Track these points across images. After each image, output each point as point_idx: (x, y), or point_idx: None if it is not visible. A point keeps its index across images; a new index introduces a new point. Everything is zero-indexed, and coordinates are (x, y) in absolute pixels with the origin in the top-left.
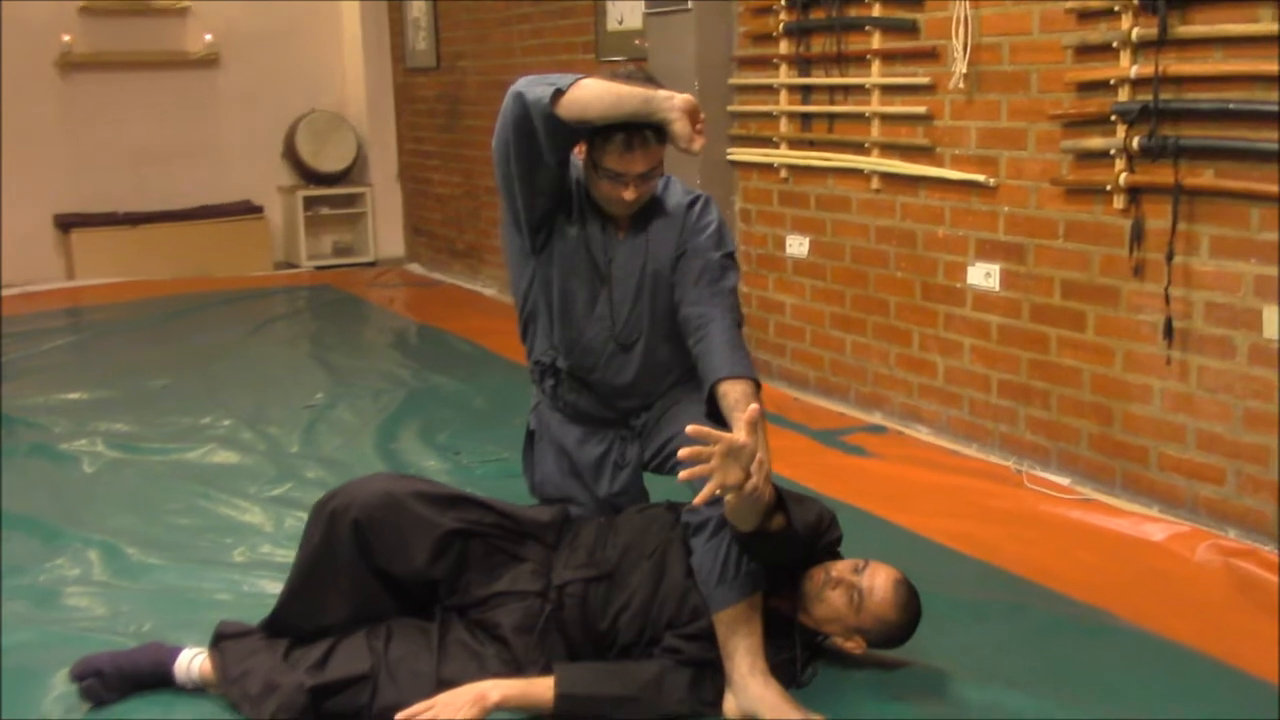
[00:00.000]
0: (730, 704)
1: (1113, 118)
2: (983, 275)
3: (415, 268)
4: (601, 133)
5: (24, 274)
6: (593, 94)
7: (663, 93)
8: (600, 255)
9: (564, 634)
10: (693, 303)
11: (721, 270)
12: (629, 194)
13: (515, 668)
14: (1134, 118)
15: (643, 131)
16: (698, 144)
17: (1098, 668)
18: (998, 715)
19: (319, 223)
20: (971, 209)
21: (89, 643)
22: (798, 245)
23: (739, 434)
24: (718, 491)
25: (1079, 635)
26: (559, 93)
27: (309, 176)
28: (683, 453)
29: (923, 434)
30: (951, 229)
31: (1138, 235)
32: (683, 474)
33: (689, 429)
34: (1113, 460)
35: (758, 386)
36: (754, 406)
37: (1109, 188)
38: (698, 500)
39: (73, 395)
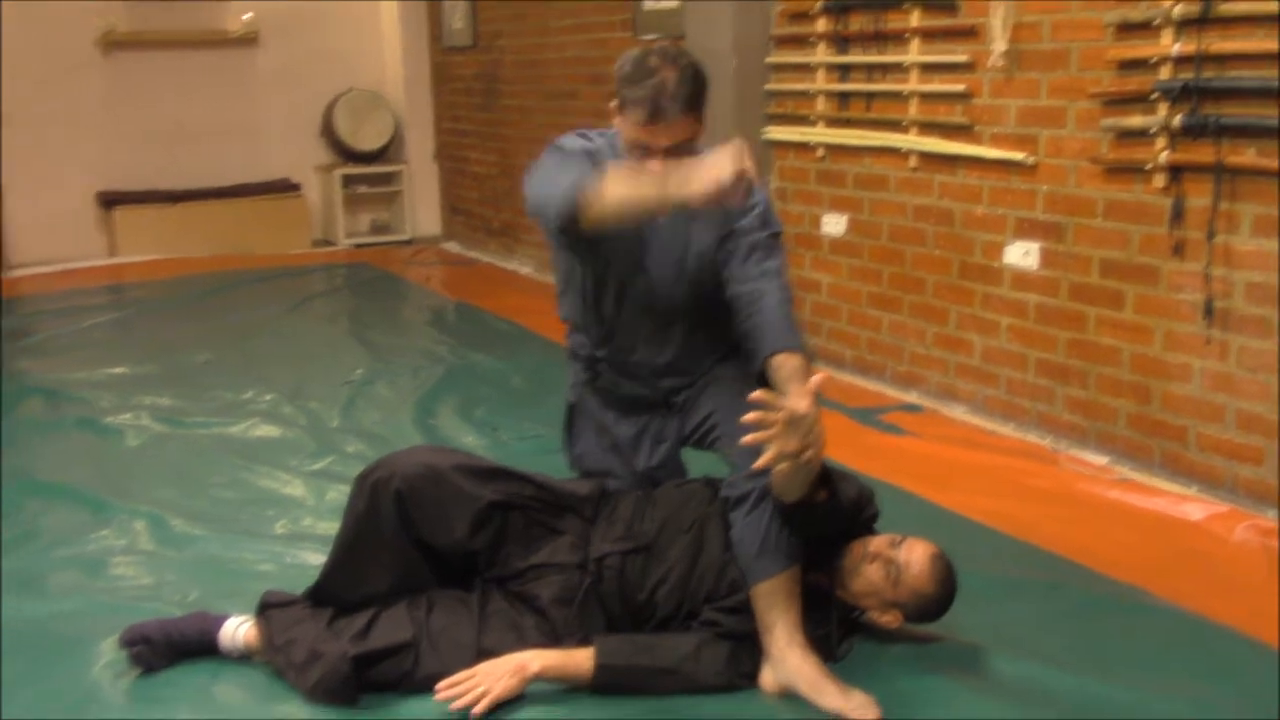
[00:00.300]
0: (768, 677)
1: (1154, 96)
2: (1021, 254)
3: (452, 246)
4: (627, 102)
5: (68, 250)
6: (609, 204)
7: (677, 179)
8: (638, 234)
9: (602, 606)
10: (742, 281)
11: (769, 249)
12: (657, 167)
13: (554, 639)
14: (1175, 96)
15: (664, 105)
16: (735, 199)
17: (1135, 646)
18: (1034, 690)
19: (357, 201)
20: (1010, 187)
21: (136, 611)
22: (835, 224)
23: (801, 403)
24: (774, 461)
25: (1116, 613)
26: (572, 208)
27: (347, 155)
28: (748, 417)
29: (959, 413)
30: (990, 208)
31: (1178, 214)
32: (746, 438)
33: (755, 394)
34: (1151, 440)
35: (811, 360)
36: (819, 375)
37: (1149, 166)
38: (758, 465)
39: (117, 370)
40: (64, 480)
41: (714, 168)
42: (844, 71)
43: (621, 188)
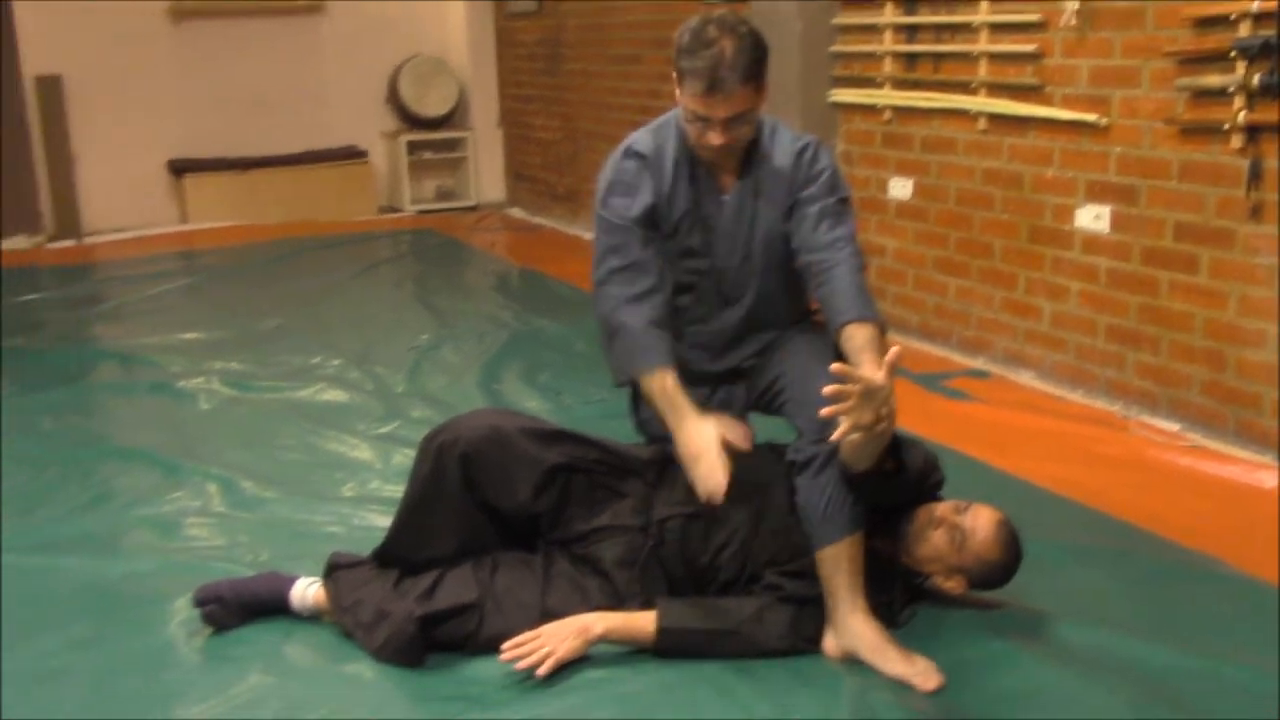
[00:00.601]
0: (831, 642)
1: (1232, 54)
2: (1092, 217)
3: (516, 212)
4: (685, 74)
5: (140, 217)
6: (647, 398)
7: (674, 436)
8: (701, 212)
9: (664, 569)
10: (813, 250)
11: (838, 215)
12: (717, 138)
13: (617, 600)
14: (1254, 54)
15: (723, 76)
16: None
17: (1205, 614)
18: (1102, 658)
19: (422, 167)
20: (1082, 149)
21: (209, 570)
22: (901, 188)
23: (877, 375)
24: (848, 433)
25: (1186, 581)
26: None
27: (412, 121)
28: (827, 390)
29: (1027, 379)
30: (1061, 170)
31: (1255, 175)
32: (823, 411)
33: (834, 367)
34: (1224, 406)
35: (883, 330)
36: (897, 348)
37: (1226, 126)
38: (833, 437)
39: (188, 335)
40: (139, 443)
41: (712, 463)
42: (911, 32)
43: (655, 399)
